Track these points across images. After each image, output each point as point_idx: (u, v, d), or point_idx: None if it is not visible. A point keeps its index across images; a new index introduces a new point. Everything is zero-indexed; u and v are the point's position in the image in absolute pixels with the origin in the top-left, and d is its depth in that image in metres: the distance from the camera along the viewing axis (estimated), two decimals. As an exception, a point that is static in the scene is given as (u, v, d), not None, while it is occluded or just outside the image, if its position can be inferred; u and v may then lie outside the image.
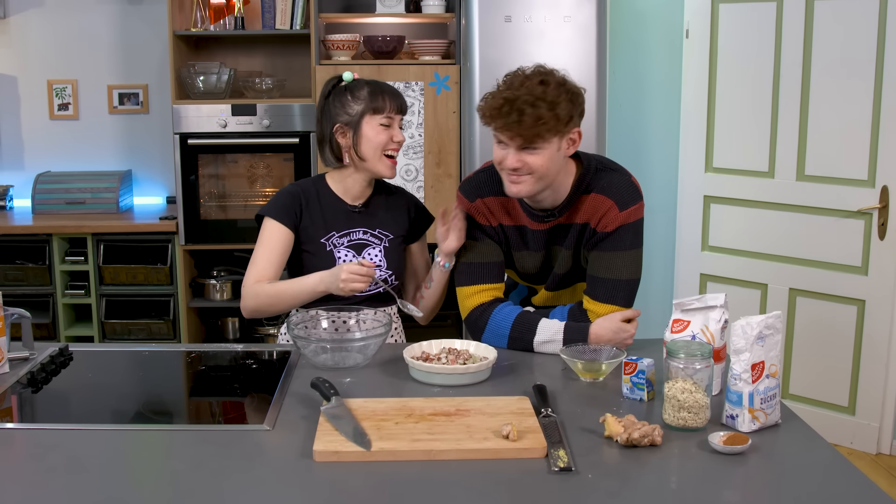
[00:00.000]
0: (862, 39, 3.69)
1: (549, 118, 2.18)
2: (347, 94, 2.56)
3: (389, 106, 2.53)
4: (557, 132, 2.22)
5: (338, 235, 2.57)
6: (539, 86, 2.20)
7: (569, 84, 2.25)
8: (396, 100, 2.56)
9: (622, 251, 2.34)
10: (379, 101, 2.53)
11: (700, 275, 4.32)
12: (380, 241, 2.61)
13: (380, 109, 2.52)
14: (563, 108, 2.20)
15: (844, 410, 3.95)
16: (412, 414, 1.91)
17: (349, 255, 2.56)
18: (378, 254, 2.59)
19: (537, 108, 2.17)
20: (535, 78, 2.22)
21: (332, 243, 2.57)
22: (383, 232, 2.62)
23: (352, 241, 2.58)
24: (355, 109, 2.53)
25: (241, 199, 4.54)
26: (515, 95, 2.19)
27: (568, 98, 2.22)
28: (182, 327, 4.52)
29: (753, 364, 1.86)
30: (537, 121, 2.18)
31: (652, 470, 1.72)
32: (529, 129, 2.18)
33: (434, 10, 4.42)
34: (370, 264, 2.36)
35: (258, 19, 4.60)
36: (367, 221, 2.61)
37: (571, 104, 2.22)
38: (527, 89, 2.19)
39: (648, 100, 4.60)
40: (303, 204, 2.57)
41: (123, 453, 1.83)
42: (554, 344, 2.34)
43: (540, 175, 2.26)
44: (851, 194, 3.79)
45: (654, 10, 4.52)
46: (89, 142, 4.92)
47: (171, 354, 2.60)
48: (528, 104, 2.18)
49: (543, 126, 2.18)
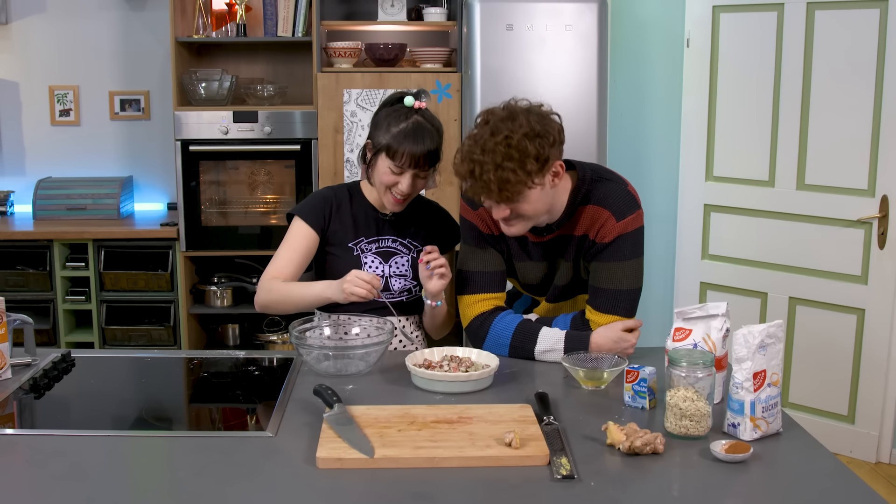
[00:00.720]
0: (862, 49, 3.70)
1: (519, 178, 2.15)
2: (391, 118, 2.47)
3: (403, 156, 2.42)
4: (532, 184, 2.19)
5: (366, 241, 2.58)
6: (503, 146, 2.15)
7: (535, 126, 2.18)
8: (416, 150, 2.42)
9: (622, 261, 2.34)
10: (396, 144, 2.43)
11: (700, 283, 4.33)
12: (408, 252, 2.60)
13: (392, 154, 2.43)
14: (531, 161, 2.16)
15: (844, 419, 3.96)
16: (415, 421, 1.92)
17: (376, 262, 2.56)
18: (405, 263, 2.59)
19: (504, 171, 2.14)
20: (499, 135, 2.16)
21: (360, 248, 2.57)
22: (413, 242, 2.62)
23: (380, 248, 2.58)
24: (382, 139, 2.46)
25: (242, 205, 4.54)
26: (482, 161, 2.16)
27: (536, 145, 2.17)
28: (182, 334, 4.51)
29: (755, 373, 1.87)
30: (506, 183, 2.15)
31: (654, 478, 1.73)
32: (500, 192, 2.17)
33: (436, 18, 4.43)
34: (377, 278, 2.36)
35: (260, 26, 4.60)
36: (397, 230, 2.61)
37: (541, 148, 2.17)
38: (491, 154, 2.15)
39: (649, 108, 4.61)
40: (333, 208, 2.57)
41: (126, 460, 1.83)
42: (555, 353, 2.34)
43: (531, 216, 2.26)
44: (851, 203, 3.80)
45: (655, 19, 4.53)
46: (90, 148, 4.92)
47: (174, 361, 2.60)
48: (494, 167, 2.14)
49: (514, 187, 2.16)
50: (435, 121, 2.52)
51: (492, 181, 2.16)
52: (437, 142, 2.48)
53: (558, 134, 2.24)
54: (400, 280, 2.57)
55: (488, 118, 2.23)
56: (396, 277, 2.57)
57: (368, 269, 2.55)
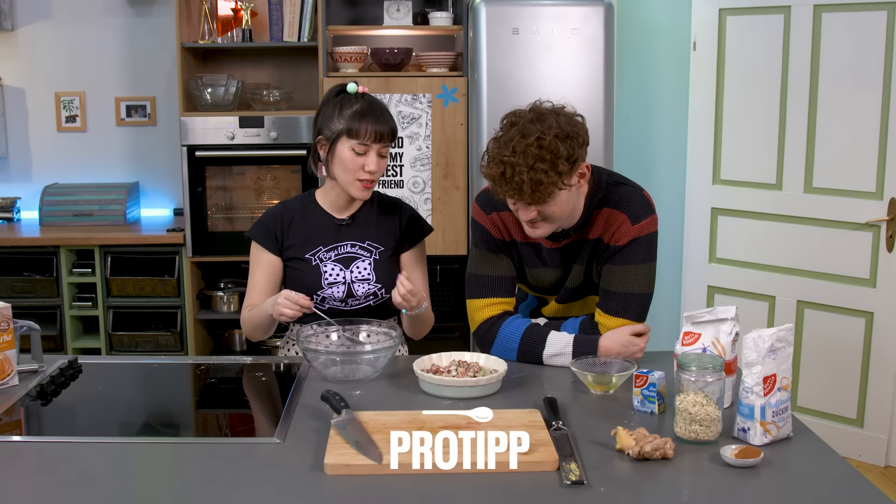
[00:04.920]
0: (870, 51, 3.68)
1: (552, 179, 2.14)
2: (338, 107, 2.47)
3: (366, 132, 2.41)
4: (563, 185, 2.18)
5: (325, 250, 2.54)
6: (535, 147, 2.14)
7: (564, 127, 2.18)
8: (378, 126, 2.42)
9: (634, 265, 2.33)
10: (356, 124, 2.41)
11: (708, 287, 4.32)
12: (369, 254, 2.56)
13: (355, 133, 2.41)
14: (562, 162, 2.15)
15: (853, 423, 3.94)
16: (423, 426, 1.90)
17: (336, 269, 2.54)
18: (367, 267, 2.55)
19: (536, 173, 2.13)
20: (530, 136, 2.15)
21: (319, 258, 2.54)
22: (373, 244, 2.57)
23: (339, 254, 2.55)
24: (336, 126, 2.44)
25: (249, 210, 4.54)
26: (513, 163, 2.14)
27: (567, 146, 2.16)
28: (189, 339, 4.52)
29: (765, 377, 1.86)
30: (538, 185, 2.14)
31: (664, 483, 1.72)
32: (533, 194, 2.16)
33: (442, 23, 4.43)
34: (305, 298, 2.36)
35: (266, 31, 4.61)
36: (355, 234, 2.57)
37: (571, 149, 2.17)
38: (523, 155, 2.13)
39: (656, 112, 4.60)
40: (285, 223, 2.56)
41: (133, 466, 1.82)
42: (563, 357, 2.33)
43: (557, 218, 2.25)
44: (859, 206, 3.78)
45: (662, 23, 4.52)
46: (97, 154, 4.93)
47: (180, 367, 2.60)
48: (527, 168, 2.13)
49: (546, 188, 2.15)
50: (381, 102, 2.53)
51: (525, 182, 2.14)
52: (392, 118, 2.49)
53: (585, 135, 2.24)
54: (363, 285, 2.54)
55: (515, 120, 2.22)
56: (359, 282, 2.54)
57: (328, 277, 2.52)
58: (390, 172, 4.33)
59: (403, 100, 4.30)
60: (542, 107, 2.24)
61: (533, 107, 2.25)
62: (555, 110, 2.23)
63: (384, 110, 2.48)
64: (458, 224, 4.39)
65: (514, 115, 2.24)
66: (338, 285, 2.53)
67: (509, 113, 2.26)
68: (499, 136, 2.22)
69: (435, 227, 4.36)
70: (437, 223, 4.37)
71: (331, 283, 2.52)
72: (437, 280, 4.38)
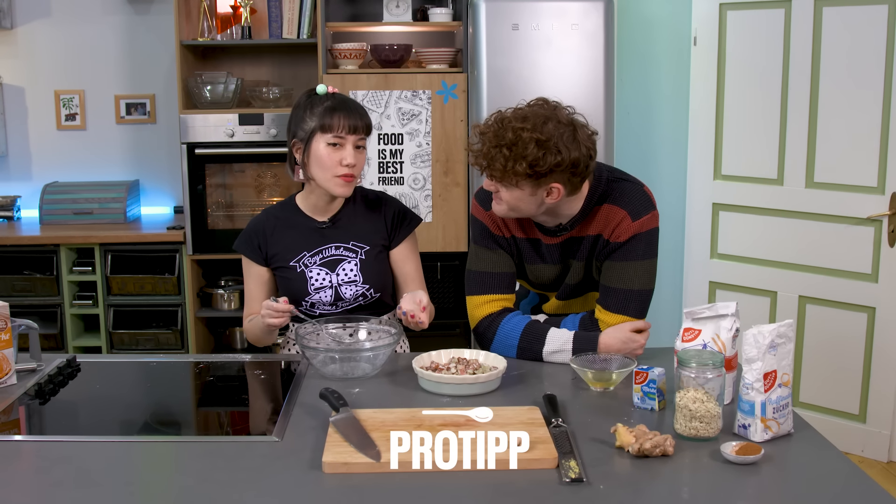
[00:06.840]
0: (871, 46, 3.67)
1: (505, 165, 2.17)
2: (308, 107, 2.44)
3: (340, 125, 2.39)
4: (512, 181, 2.19)
5: (309, 255, 2.53)
6: (511, 133, 2.16)
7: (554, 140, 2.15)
8: (351, 119, 2.40)
9: (634, 261, 2.32)
10: (328, 119, 2.39)
11: (709, 282, 4.31)
12: (354, 255, 2.54)
13: (328, 127, 2.39)
14: (521, 162, 2.15)
15: (855, 418, 3.93)
16: (422, 424, 1.90)
17: (321, 274, 2.52)
18: (353, 268, 2.53)
19: (495, 150, 2.18)
20: (517, 123, 2.18)
21: (304, 264, 2.52)
22: (358, 244, 2.55)
23: (324, 258, 2.53)
24: (309, 125, 2.43)
25: (249, 208, 4.53)
26: (486, 132, 2.21)
27: (537, 154, 2.14)
28: (190, 337, 4.51)
29: (766, 373, 1.85)
30: (492, 160, 2.19)
31: (664, 480, 1.71)
32: (488, 167, 2.21)
33: (441, 19, 4.41)
34: (285, 305, 2.36)
35: (265, 28, 4.60)
36: (339, 236, 2.55)
37: (538, 159, 2.15)
38: (500, 130, 2.18)
39: (656, 107, 4.59)
40: (267, 232, 2.55)
41: (132, 465, 1.82)
42: (563, 354, 2.33)
43: (511, 207, 2.27)
44: (861, 201, 3.77)
45: (662, 18, 4.51)
46: (97, 152, 4.92)
47: (179, 365, 2.59)
48: (491, 146, 2.18)
49: (495, 167, 2.18)
50: (353, 99, 2.56)
51: (480, 154, 2.21)
52: (366, 113, 2.47)
53: (573, 164, 2.18)
54: (351, 287, 2.52)
55: (535, 103, 2.24)
56: (347, 285, 2.52)
57: (314, 283, 2.51)
58: (391, 169, 4.33)
59: (403, 96, 4.29)
60: (560, 114, 2.22)
61: (557, 106, 2.25)
62: (571, 122, 2.22)
63: (357, 105, 2.47)
64: (458, 221, 4.38)
65: (540, 99, 2.26)
66: (325, 290, 2.51)
67: (541, 97, 2.28)
68: (510, 109, 2.25)
69: (435, 223, 4.36)
70: (438, 220, 4.36)
71: (317, 288, 2.51)
72: (438, 277, 4.37)
